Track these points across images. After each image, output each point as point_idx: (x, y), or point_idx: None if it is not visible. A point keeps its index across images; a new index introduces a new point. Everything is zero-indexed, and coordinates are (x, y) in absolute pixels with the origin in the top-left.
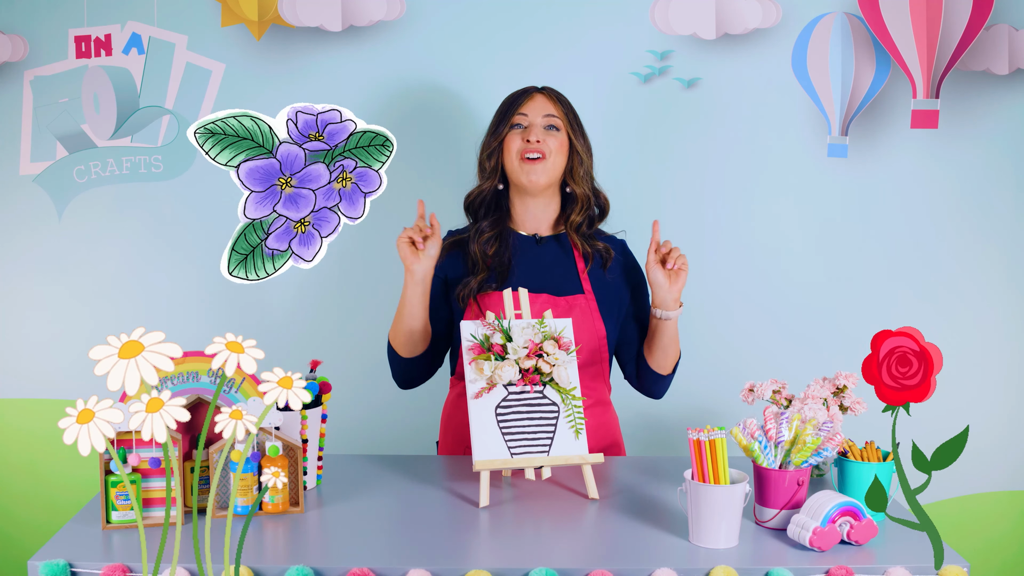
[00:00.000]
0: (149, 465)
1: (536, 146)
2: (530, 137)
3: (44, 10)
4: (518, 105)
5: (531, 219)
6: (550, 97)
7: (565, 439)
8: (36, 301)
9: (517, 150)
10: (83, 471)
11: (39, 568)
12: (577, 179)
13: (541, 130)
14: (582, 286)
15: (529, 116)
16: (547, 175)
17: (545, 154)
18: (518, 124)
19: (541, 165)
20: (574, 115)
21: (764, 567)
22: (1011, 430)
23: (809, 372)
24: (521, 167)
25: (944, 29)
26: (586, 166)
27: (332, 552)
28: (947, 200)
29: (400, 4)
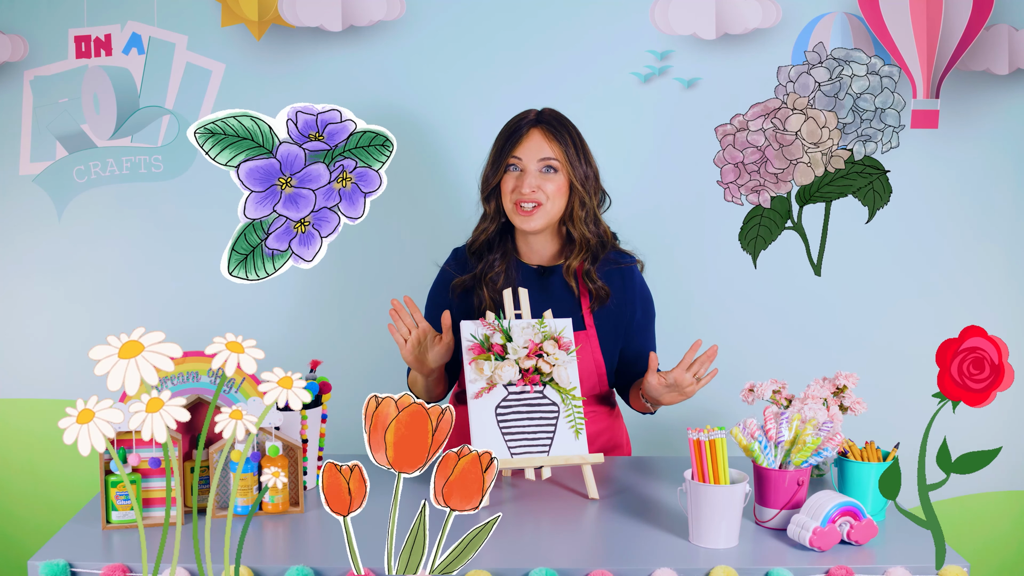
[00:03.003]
0: (149, 465)
1: (530, 196)
2: (524, 189)
3: (44, 10)
4: (512, 145)
5: (534, 252)
6: (547, 133)
7: (565, 439)
8: (36, 301)
9: (512, 192)
10: (83, 471)
11: (39, 568)
12: (576, 222)
13: (536, 176)
14: (583, 322)
15: (523, 160)
16: (544, 220)
17: (540, 202)
18: (513, 166)
19: (538, 211)
20: (576, 146)
21: (764, 567)
22: (1011, 430)
23: (809, 372)
24: (516, 213)
25: (944, 29)
26: (588, 207)
27: (332, 552)
28: (947, 200)
29: (400, 4)
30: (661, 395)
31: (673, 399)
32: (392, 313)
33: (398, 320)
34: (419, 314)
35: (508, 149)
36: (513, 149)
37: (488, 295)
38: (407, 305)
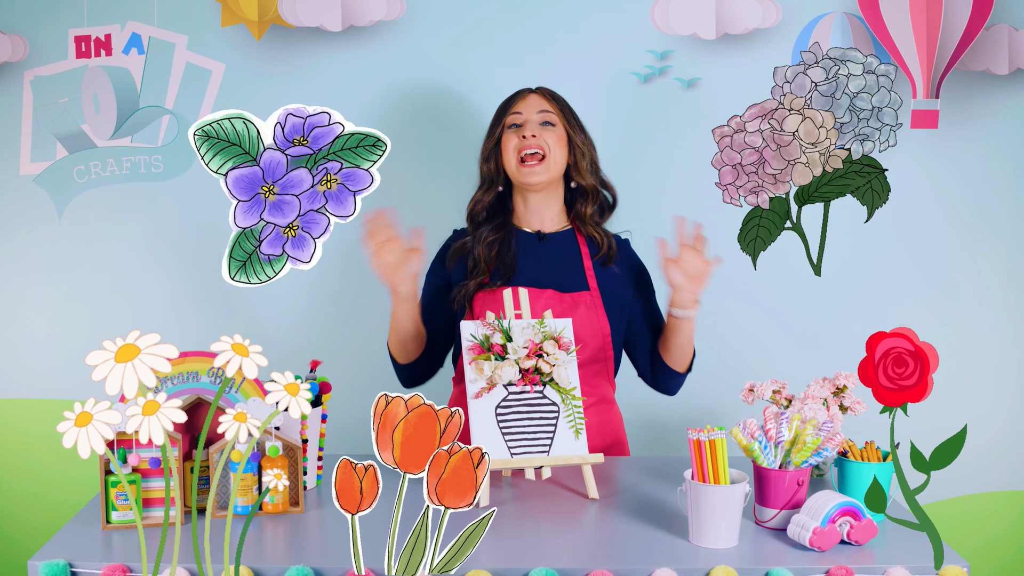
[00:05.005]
0: (149, 465)
1: (533, 142)
2: (526, 133)
3: (44, 10)
4: (512, 104)
5: (534, 216)
6: (544, 95)
7: (565, 439)
8: (36, 301)
9: (515, 148)
10: (83, 471)
11: (39, 568)
12: (582, 172)
13: (537, 126)
14: (587, 282)
15: (524, 114)
16: (548, 173)
17: (544, 150)
18: (513, 124)
19: (542, 165)
20: (570, 111)
21: (764, 567)
22: (1010, 430)
23: (809, 372)
24: (520, 169)
25: (944, 29)
26: (589, 158)
27: (332, 552)
28: (947, 200)
29: (400, 4)
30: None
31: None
32: (368, 221)
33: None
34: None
35: (507, 107)
36: (512, 107)
37: (482, 254)
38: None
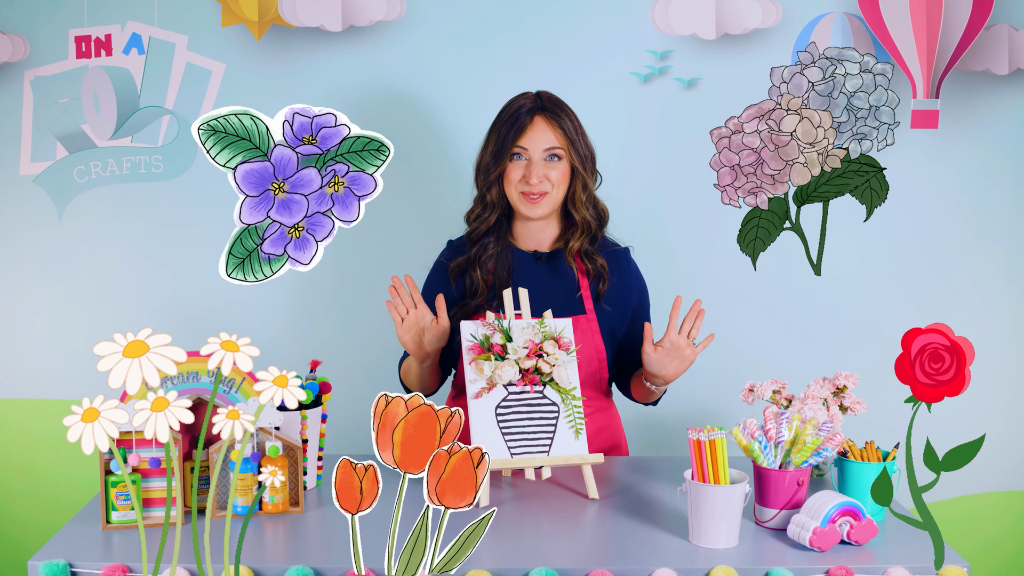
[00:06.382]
0: (149, 465)
1: (538, 188)
2: (531, 179)
3: (44, 10)
4: (516, 135)
5: (532, 237)
6: (550, 121)
7: (565, 439)
8: (36, 301)
9: (517, 182)
10: (83, 471)
11: (39, 568)
12: (579, 205)
13: (542, 166)
14: (583, 306)
15: (529, 150)
16: (549, 207)
17: (546, 191)
18: (517, 155)
19: (545, 199)
20: (575, 131)
21: (764, 567)
22: (1010, 430)
23: (809, 372)
24: (522, 201)
25: (944, 29)
26: (589, 191)
27: (332, 552)
28: (947, 200)
29: (400, 4)
30: (663, 366)
31: (676, 369)
32: (391, 290)
33: (396, 297)
34: (418, 294)
35: (512, 139)
36: (517, 139)
37: (480, 277)
38: (407, 284)
